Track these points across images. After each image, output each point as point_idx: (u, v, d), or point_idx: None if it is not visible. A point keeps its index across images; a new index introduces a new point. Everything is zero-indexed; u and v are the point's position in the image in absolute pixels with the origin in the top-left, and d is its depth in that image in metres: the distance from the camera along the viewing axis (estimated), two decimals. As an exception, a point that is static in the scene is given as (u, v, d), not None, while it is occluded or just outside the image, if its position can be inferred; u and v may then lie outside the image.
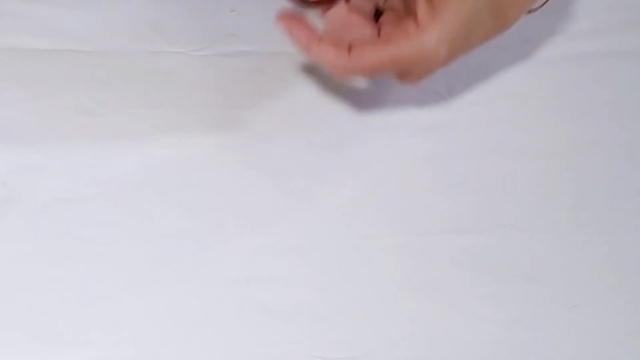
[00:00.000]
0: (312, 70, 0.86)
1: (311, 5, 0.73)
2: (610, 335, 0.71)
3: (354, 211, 0.76)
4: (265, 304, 0.71)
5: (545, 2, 0.78)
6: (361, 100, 0.86)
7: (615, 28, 0.92)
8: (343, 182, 0.79)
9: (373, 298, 0.72)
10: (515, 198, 0.79)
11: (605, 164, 0.81)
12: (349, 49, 0.69)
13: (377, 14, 0.73)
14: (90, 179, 0.77)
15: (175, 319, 0.69)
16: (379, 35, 0.71)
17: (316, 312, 0.71)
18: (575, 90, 0.87)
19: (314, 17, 0.75)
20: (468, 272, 0.73)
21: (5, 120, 0.81)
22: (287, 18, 0.71)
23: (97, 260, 0.72)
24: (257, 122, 0.83)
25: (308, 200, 0.77)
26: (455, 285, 0.73)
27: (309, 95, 0.86)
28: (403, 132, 0.83)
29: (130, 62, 0.86)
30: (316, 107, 0.85)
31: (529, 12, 0.76)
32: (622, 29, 0.92)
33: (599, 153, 0.82)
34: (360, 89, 0.87)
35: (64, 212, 0.75)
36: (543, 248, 0.76)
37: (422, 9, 0.68)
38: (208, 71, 0.88)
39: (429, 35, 0.68)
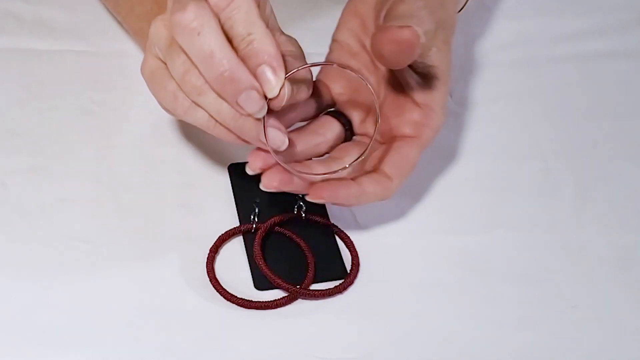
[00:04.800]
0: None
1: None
2: (610, 336, 0.71)
3: (354, 211, 0.76)
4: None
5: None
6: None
7: (615, 28, 0.92)
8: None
9: (373, 298, 0.72)
10: (515, 198, 0.78)
11: (605, 163, 0.81)
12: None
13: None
14: (90, 179, 0.77)
15: (175, 320, 0.69)
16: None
17: (316, 312, 0.71)
18: (575, 90, 0.87)
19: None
20: (468, 272, 0.73)
21: (5, 120, 0.81)
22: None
23: (97, 261, 0.72)
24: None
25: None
26: (455, 285, 0.73)
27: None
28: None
29: (129, 62, 0.86)
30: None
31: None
32: (622, 29, 0.92)
33: (598, 153, 0.82)
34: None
35: (63, 213, 0.75)
36: (543, 248, 0.76)
37: (421, 95, 0.71)
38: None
39: (439, 115, 0.72)
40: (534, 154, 0.82)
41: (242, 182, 0.77)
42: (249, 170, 0.68)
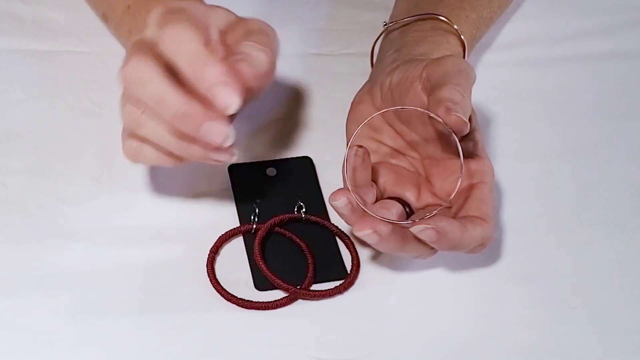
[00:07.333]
0: (310, 72, 0.86)
1: None
2: (610, 337, 0.71)
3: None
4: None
5: None
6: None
7: (615, 28, 0.92)
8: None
9: (372, 299, 0.72)
10: (515, 198, 0.78)
11: (605, 164, 0.81)
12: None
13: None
14: (90, 179, 0.77)
15: (175, 320, 0.69)
16: None
17: (316, 312, 0.71)
18: (575, 90, 0.87)
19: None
20: (467, 272, 0.73)
21: (5, 120, 0.81)
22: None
23: (97, 262, 0.72)
24: (254, 117, 0.83)
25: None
26: (455, 285, 0.73)
27: (308, 96, 0.86)
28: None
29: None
30: (317, 107, 0.85)
31: None
32: (622, 29, 0.92)
33: (599, 153, 0.82)
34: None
35: (63, 213, 0.75)
36: (543, 248, 0.76)
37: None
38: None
39: (488, 160, 0.72)
40: (535, 155, 0.82)
41: (242, 182, 0.77)
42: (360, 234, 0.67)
